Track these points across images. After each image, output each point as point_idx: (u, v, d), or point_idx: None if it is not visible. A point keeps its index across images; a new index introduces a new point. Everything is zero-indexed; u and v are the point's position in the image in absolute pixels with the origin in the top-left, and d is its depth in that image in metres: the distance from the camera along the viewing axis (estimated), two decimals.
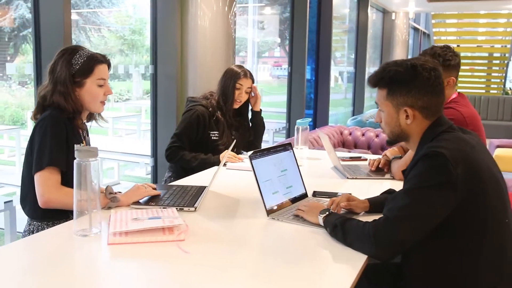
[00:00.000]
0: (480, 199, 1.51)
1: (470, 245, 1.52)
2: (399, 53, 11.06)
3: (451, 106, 2.34)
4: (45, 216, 1.96)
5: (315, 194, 2.20)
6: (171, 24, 3.68)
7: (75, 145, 1.61)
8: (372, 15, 10.46)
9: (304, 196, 2.11)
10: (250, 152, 1.90)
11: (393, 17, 10.94)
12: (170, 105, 3.71)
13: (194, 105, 2.87)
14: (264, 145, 2.70)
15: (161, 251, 1.52)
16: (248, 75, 2.92)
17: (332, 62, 10.75)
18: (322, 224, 1.71)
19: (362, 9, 9.27)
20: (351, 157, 3.11)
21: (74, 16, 15.98)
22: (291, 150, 2.14)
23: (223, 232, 1.75)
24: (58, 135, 1.91)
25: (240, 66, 2.94)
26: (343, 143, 5.67)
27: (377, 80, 1.68)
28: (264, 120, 3.15)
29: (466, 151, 1.52)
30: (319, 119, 7.39)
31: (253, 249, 1.61)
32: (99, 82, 2.01)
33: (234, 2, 3.82)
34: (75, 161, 1.59)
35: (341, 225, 1.61)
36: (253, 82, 2.95)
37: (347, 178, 2.56)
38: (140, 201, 2.01)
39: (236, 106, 2.93)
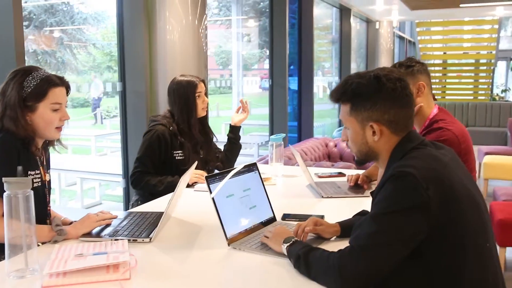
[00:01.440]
0: (457, 222, 1.35)
1: (449, 273, 1.36)
2: (384, 62, 10.97)
3: (440, 125, 2.19)
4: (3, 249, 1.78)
5: (284, 217, 2.03)
6: (138, 39, 3.52)
7: (2, 178, 1.44)
8: (356, 25, 10.40)
9: (272, 220, 1.95)
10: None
11: (377, 26, 10.87)
12: (140, 123, 3.54)
13: (154, 125, 2.68)
14: (248, 160, 2.55)
15: None
16: (199, 79, 2.78)
17: (320, 73, 10.67)
18: (286, 254, 1.55)
19: (344, 19, 9.20)
20: (329, 174, 2.95)
21: (57, 34, 15.81)
22: (256, 171, 1.98)
23: (178, 267, 1.58)
24: (6, 164, 1.73)
25: (185, 75, 2.79)
26: (328, 156, 5.52)
27: (339, 95, 1.52)
28: (251, 134, 3.02)
29: (437, 170, 1.36)
30: (303, 131, 7.25)
31: (207, 286, 1.44)
32: (54, 107, 1.83)
33: (205, 15, 3.68)
34: (4, 194, 1.43)
35: (305, 256, 1.44)
36: (205, 85, 2.81)
37: (322, 197, 2.40)
38: (93, 231, 1.84)
39: (204, 113, 2.78)
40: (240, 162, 2.20)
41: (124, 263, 1.49)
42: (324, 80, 10.45)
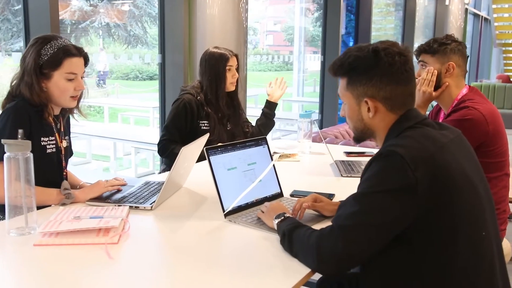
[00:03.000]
0: (449, 208, 1.27)
1: (439, 261, 1.28)
2: None
3: (467, 104, 2.06)
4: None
5: (293, 193, 2.00)
6: (178, 12, 3.54)
7: (2, 140, 1.50)
8: (424, 1, 9.90)
9: (278, 195, 1.92)
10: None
11: (447, 3, 10.29)
12: (177, 95, 3.58)
13: (182, 94, 2.73)
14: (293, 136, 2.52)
15: (89, 256, 1.39)
16: (233, 54, 2.76)
17: None
18: (276, 229, 1.52)
19: None
20: (358, 153, 2.86)
21: (127, 7, 16.26)
22: (265, 146, 1.95)
23: (168, 235, 1.60)
24: (19, 124, 1.80)
25: (219, 48, 2.78)
26: None
27: (336, 68, 1.45)
28: (312, 109, 3.00)
29: (430, 151, 1.27)
30: None
31: (190, 256, 1.44)
32: (69, 76, 1.88)
33: None
34: (5, 155, 1.49)
35: (289, 233, 1.41)
36: (238, 60, 2.78)
37: (341, 175, 2.33)
38: (103, 196, 1.89)
39: (233, 87, 2.76)
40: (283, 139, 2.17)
41: (115, 228, 1.52)
42: None
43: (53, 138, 1.94)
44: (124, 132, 7.24)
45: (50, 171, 1.94)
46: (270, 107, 2.96)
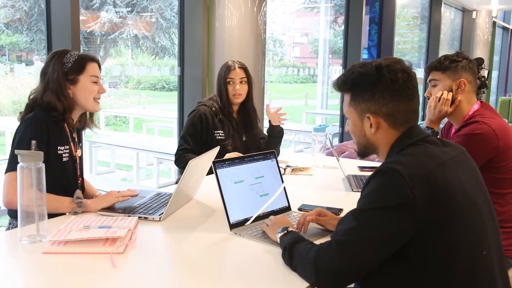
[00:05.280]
0: (448, 225, 1.26)
1: (437, 278, 1.27)
2: (479, 55, 10.26)
3: (477, 119, 2.05)
4: None
5: (301, 207, 2.01)
6: (197, 25, 3.61)
7: (15, 150, 1.56)
8: (450, 14, 9.81)
9: (286, 209, 1.94)
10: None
11: (474, 16, 10.18)
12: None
13: (198, 105, 2.79)
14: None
15: (95, 264, 1.43)
16: (237, 66, 2.77)
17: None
18: (279, 243, 1.54)
19: (434, 7, 8.69)
20: (371, 167, 2.85)
21: (153, 19, 16.54)
22: (274, 160, 1.97)
23: (174, 246, 1.64)
24: (37, 134, 1.88)
25: (233, 60, 2.81)
26: None
27: (340, 83, 1.47)
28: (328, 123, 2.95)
29: (428, 168, 1.28)
30: None
31: (193, 267, 1.47)
32: (93, 79, 2.02)
33: (264, 2, 3.68)
34: (18, 165, 1.55)
35: (290, 247, 1.43)
36: (246, 71, 2.78)
37: (352, 190, 2.34)
38: (115, 206, 1.94)
39: (238, 100, 2.78)
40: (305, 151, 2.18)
41: (121, 238, 1.56)
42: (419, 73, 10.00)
43: (68, 147, 2.01)
44: (147, 143, 7.34)
45: (66, 179, 2.01)
46: (270, 129, 2.91)
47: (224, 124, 2.76)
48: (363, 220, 1.28)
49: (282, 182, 1.96)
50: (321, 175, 2.73)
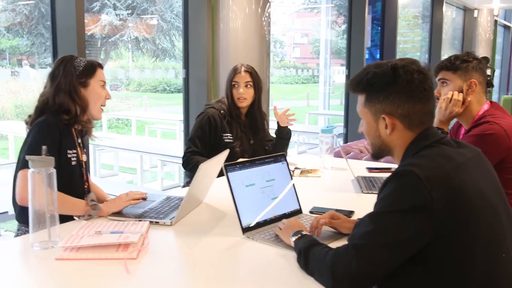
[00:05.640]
0: (465, 228, 1.25)
1: (454, 282, 1.26)
2: (482, 53, 10.23)
3: (488, 119, 2.04)
4: None
5: (312, 210, 2.00)
6: (201, 26, 3.60)
7: (26, 156, 1.56)
8: (452, 13, 9.80)
9: (297, 212, 1.92)
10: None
11: (475, 15, 10.16)
12: (200, 109, 3.62)
13: (206, 108, 2.77)
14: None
15: (108, 270, 1.42)
16: (243, 69, 2.75)
17: None
18: (293, 246, 1.53)
19: (436, 6, 8.67)
20: (380, 169, 2.84)
21: (156, 21, 16.52)
22: (284, 162, 1.96)
23: (187, 251, 1.63)
24: (50, 138, 1.88)
25: (241, 64, 2.79)
26: None
27: (355, 84, 1.47)
28: (334, 124, 2.94)
29: (445, 170, 1.26)
30: None
31: (207, 272, 1.46)
32: (101, 83, 2.04)
33: (268, 3, 3.67)
34: (29, 171, 1.54)
35: (305, 251, 1.41)
36: (252, 75, 2.76)
37: (362, 192, 2.32)
38: (124, 211, 1.93)
39: (242, 104, 2.77)
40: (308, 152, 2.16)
41: (134, 243, 1.55)
42: None
43: (75, 151, 2.00)
44: (151, 145, 7.34)
45: (74, 182, 2.00)
46: (279, 130, 2.91)
47: (233, 127, 2.75)
48: (380, 223, 1.26)
49: (293, 185, 1.95)
50: (329, 177, 2.72)
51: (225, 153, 2.05)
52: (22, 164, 1.86)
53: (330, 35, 11.04)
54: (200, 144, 2.72)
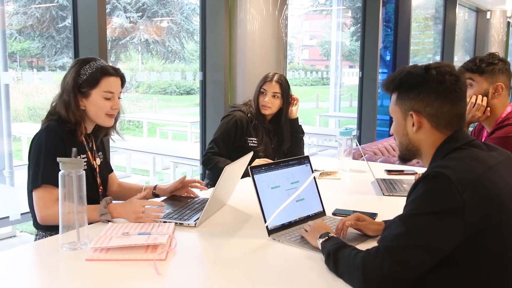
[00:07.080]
0: (497, 230, 1.25)
1: (486, 284, 1.27)
2: None
3: (511, 122, 2.03)
4: (51, 227, 1.93)
5: (335, 212, 2.00)
6: (219, 29, 3.62)
7: (58, 158, 1.57)
8: (464, 15, 9.76)
9: (321, 214, 1.93)
10: None
11: (488, 16, 10.12)
12: (217, 112, 3.66)
13: (233, 110, 2.79)
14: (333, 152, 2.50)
15: (138, 271, 1.44)
16: (274, 79, 2.77)
17: None
18: (320, 249, 1.53)
19: (449, 8, 8.65)
20: (400, 171, 2.84)
21: (166, 24, 16.57)
22: (308, 164, 1.96)
23: (214, 253, 1.63)
24: (52, 151, 1.85)
25: (274, 73, 2.81)
26: None
27: (389, 83, 1.47)
28: (350, 125, 2.98)
29: (477, 172, 1.27)
30: None
31: (235, 274, 1.46)
32: (106, 95, 1.95)
33: (285, 5, 3.69)
34: (59, 173, 1.56)
35: (334, 253, 1.42)
36: (282, 87, 2.78)
37: (383, 194, 2.32)
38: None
39: (266, 111, 2.78)
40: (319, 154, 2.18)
41: (163, 245, 1.56)
42: None
43: (85, 156, 1.99)
44: (163, 147, 7.36)
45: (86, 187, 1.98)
46: (291, 124, 2.94)
47: (258, 131, 2.77)
48: (411, 225, 1.27)
49: (317, 187, 1.96)
50: (349, 179, 2.72)
51: (248, 156, 2.06)
52: (33, 183, 1.86)
53: (341, 37, 11.03)
54: (223, 146, 2.75)
